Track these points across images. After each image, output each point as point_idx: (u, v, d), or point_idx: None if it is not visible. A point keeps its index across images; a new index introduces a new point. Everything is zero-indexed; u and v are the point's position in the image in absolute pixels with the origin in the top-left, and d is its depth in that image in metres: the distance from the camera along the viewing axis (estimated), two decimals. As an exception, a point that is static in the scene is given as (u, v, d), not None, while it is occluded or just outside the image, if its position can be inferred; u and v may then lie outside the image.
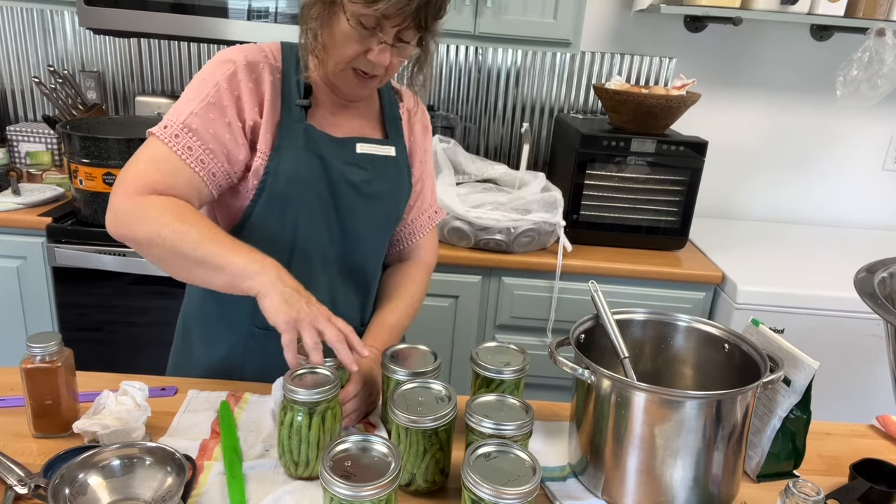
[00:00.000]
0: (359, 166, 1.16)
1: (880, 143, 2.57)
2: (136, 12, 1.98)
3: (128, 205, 1.00)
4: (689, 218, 2.13)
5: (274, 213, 1.13)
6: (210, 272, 0.96)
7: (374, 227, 1.22)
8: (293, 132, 1.11)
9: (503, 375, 1.01)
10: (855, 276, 1.13)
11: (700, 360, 1.06)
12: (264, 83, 1.10)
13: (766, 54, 2.46)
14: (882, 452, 1.13)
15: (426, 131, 1.30)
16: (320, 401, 0.89)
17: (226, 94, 1.06)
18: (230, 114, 1.06)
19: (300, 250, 1.15)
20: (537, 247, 2.03)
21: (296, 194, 1.12)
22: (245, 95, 1.08)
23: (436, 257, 1.37)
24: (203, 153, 1.04)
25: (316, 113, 1.15)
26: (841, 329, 1.94)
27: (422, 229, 1.32)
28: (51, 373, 0.95)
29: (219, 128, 1.05)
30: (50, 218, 1.94)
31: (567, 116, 2.39)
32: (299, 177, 1.11)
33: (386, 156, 1.20)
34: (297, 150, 1.11)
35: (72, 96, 2.29)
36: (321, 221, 1.15)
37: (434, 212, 1.34)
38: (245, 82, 1.08)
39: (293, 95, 1.12)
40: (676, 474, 0.90)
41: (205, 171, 1.05)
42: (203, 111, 1.04)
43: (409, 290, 1.26)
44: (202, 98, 1.05)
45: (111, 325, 2.01)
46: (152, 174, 1.01)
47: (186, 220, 0.97)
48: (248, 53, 1.10)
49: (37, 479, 0.86)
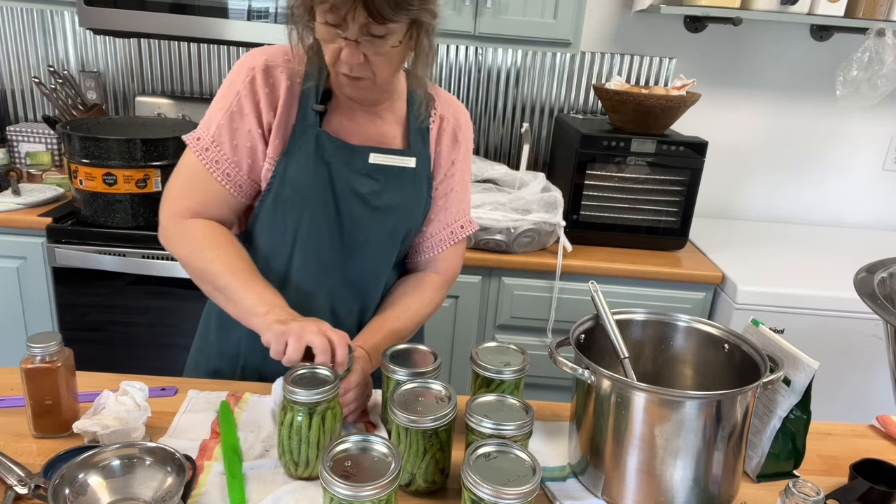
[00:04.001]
0: (370, 177, 1.14)
1: (880, 143, 2.57)
2: (136, 12, 1.98)
3: (172, 227, 1.12)
4: (689, 218, 2.13)
5: (278, 216, 1.13)
6: (225, 302, 1.08)
7: (379, 239, 1.18)
8: (305, 137, 1.11)
9: (503, 375, 1.01)
10: (855, 276, 1.13)
11: (700, 361, 1.06)
12: (280, 87, 1.10)
13: (766, 54, 2.46)
14: (882, 452, 1.13)
15: (457, 143, 1.23)
16: (320, 401, 0.89)
17: (246, 101, 1.09)
18: (250, 121, 1.10)
19: (301, 254, 1.15)
20: (537, 247, 2.03)
21: (300, 200, 1.12)
22: (262, 100, 1.10)
23: (456, 273, 1.30)
24: (228, 166, 1.11)
25: (333, 118, 1.13)
26: (841, 329, 1.94)
27: (440, 244, 1.26)
28: (51, 373, 0.95)
29: (241, 138, 1.10)
30: (50, 218, 1.94)
31: (567, 116, 2.39)
32: (305, 183, 1.11)
33: (403, 167, 1.16)
34: (306, 156, 1.11)
35: (72, 96, 2.29)
36: (324, 229, 1.14)
37: (460, 227, 1.27)
38: (262, 87, 1.09)
39: (311, 100, 1.11)
40: (676, 474, 0.90)
41: (230, 184, 1.12)
42: (227, 122, 1.10)
43: (416, 301, 1.22)
44: (227, 108, 1.10)
45: (111, 325, 2.01)
46: (188, 195, 1.12)
47: (216, 248, 1.08)
48: (269, 56, 1.11)
49: (37, 479, 0.86)
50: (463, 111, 1.25)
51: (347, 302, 1.21)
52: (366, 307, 1.23)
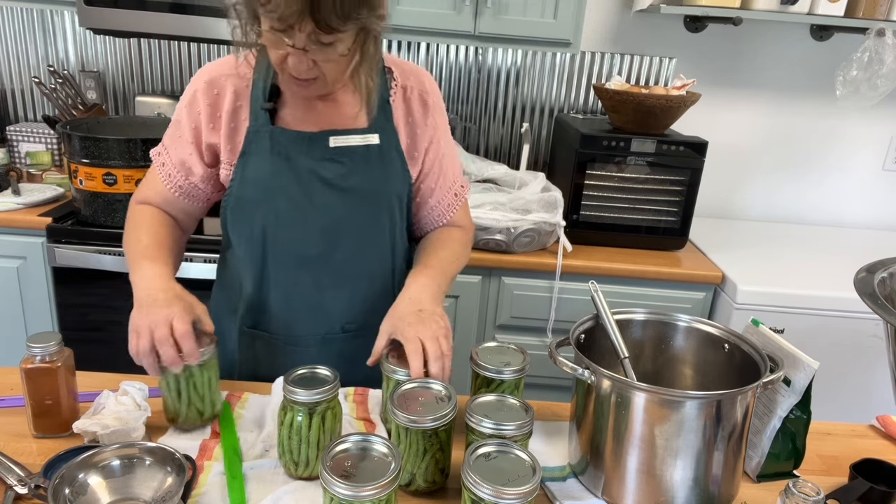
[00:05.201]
0: (333, 160, 1.13)
1: (880, 143, 2.57)
2: (136, 12, 1.98)
3: (129, 209, 1.22)
4: (689, 218, 2.13)
5: (245, 217, 1.15)
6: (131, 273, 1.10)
7: (357, 223, 1.16)
8: (259, 136, 1.12)
9: (503, 375, 1.01)
10: (855, 276, 1.13)
11: (700, 361, 1.06)
12: (225, 96, 1.13)
13: (766, 54, 2.46)
14: (882, 452, 1.13)
15: (427, 108, 1.20)
16: (320, 401, 0.89)
17: (185, 118, 1.16)
18: (187, 136, 1.16)
19: (275, 253, 1.16)
20: (537, 247, 2.03)
21: (263, 198, 1.13)
22: (203, 116, 1.14)
23: (472, 226, 1.33)
24: (171, 168, 1.19)
25: (286, 112, 1.14)
26: (841, 329, 1.94)
27: (449, 209, 1.26)
28: (51, 373, 0.95)
29: (181, 147, 1.17)
30: (50, 218, 1.94)
31: (567, 116, 2.39)
32: (264, 179, 1.12)
33: (367, 145, 1.15)
34: (263, 154, 1.12)
35: (72, 96, 2.29)
36: (297, 222, 1.14)
37: (460, 186, 1.28)
38: (204, 103, 1.13)
39: (260, 100, 1.12)
40: (676, 474, 0.90)
41: (171, 184, 1.19)
42: (172, 131, 1.19)
43: (450, 245, 1.22)
44: (175, 119, 1.18)
45: (111, 325, 2.01)
46: (145, 188, 1.22)
47: (141, 227, 1.15)
48: (214, 70, 1.14)
49: (37, 479, 0.86)
50: (425, 75, 1.22)
51: (336, 293, 1.19)
52: (361, 296, 1.20)
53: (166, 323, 0.95)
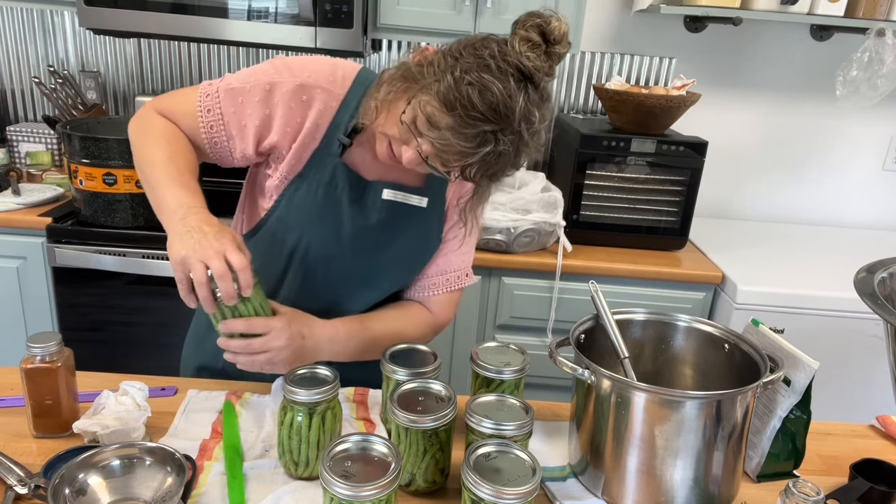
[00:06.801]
0: (380, 212, 1.12)
1: (880, 143, 2.57)
2: (136, 12, 1.98)
3: (142, 114, 1.10)
4: (689, 218, 2.13)
5: (278, 236, 1.12)
6: (149, 192, 1.02)
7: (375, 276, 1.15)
8: (324, 165, 1.08)
9: (503, 375, 1.01)
10: (855, 276, 1.13)
11: (700, 361, 1.06)
12: (311, 109, 1.06)
13: (765, 54, 2.46)
14: (882, 452, 1.13)
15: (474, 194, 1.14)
16: (320, 401, 0.89)
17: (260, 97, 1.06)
18: (250, 118, 1.07)
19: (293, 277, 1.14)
20: (537, 247, 2.03)
21: (301, 227, 1.10)
22: (277, 114, 1.06)
23: (448, 319, 1.24)
24: (215, 121, 1.08)
25: (356, 151, 1.10)
26: (841, 329, 1.94)
27: (433, 288, 1.20)
28: (51, 373, 0.95)
29: (237, 117, 1.07)
30: (50, 218, 1.94)
31: (567, 116, 2.39)
32: (307, 209, 1.09)
33: (415, 206, 1.13)
34: (317, 184, 1.09)
35: (72, 96, 2.29)
36: (320, 260, 1.12)
37: (457, 277, 1.21)
38: (285, 103, 1.06)
39: (341, 129, 1.08)
40: (676, 474, 0.90)
41: (207, 135, 1.09)
42: (234, 94, 1.07)
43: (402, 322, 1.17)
44: (242, 82, 1.07)
45: (111, 325, 2.01)
46: (173, 103, 1.10)
47: (167, 143, 1.04)
48: (309, 75, 1.06)
49: (37, 479, 0.86)
50: None
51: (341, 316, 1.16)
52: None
53: (219, 256, 0.90)
